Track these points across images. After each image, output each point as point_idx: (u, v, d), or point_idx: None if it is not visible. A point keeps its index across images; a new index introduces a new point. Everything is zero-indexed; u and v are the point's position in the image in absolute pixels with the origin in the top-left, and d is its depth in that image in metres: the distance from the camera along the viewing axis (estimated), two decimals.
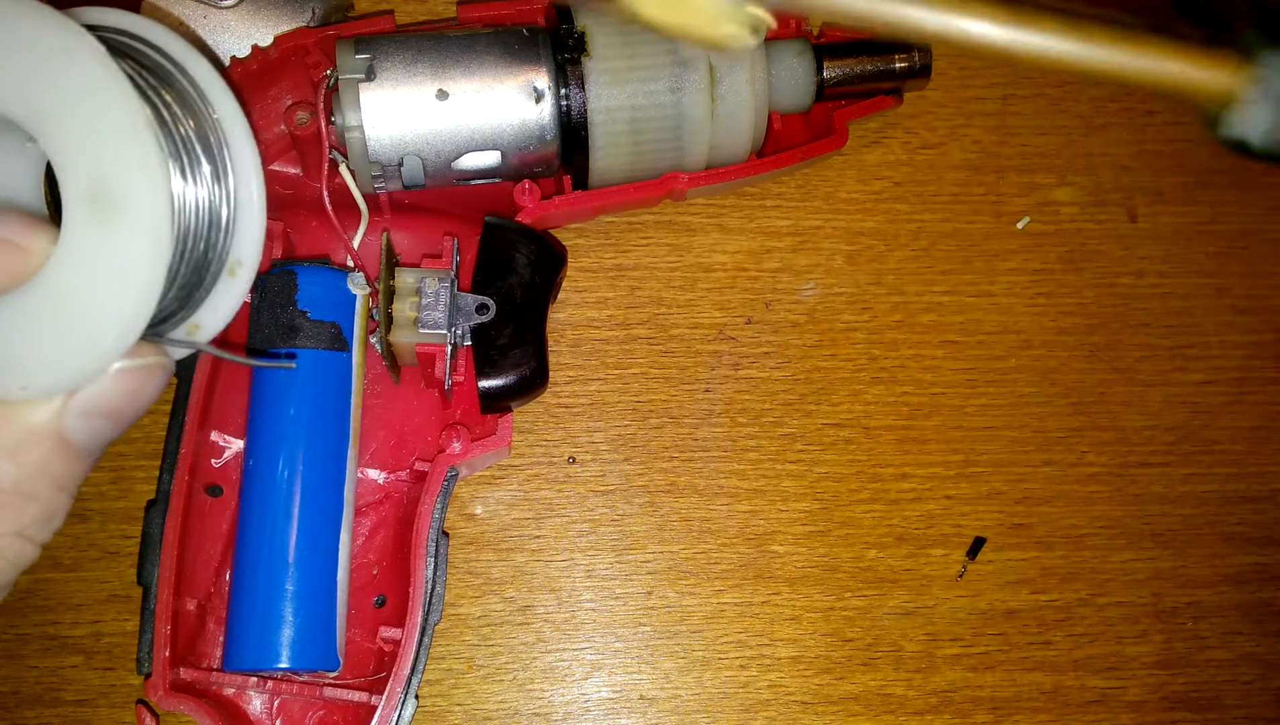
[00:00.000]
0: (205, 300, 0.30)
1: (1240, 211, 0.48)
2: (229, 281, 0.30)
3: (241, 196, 0.29)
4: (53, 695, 0.40)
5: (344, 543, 0.38)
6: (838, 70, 0.43)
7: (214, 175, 0.29)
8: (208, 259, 0.29)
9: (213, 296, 0.30)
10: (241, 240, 0.29)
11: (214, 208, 0.29)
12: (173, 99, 0.28)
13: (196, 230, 0.28)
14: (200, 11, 0.42)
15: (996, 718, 0.42)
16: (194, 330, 0.29)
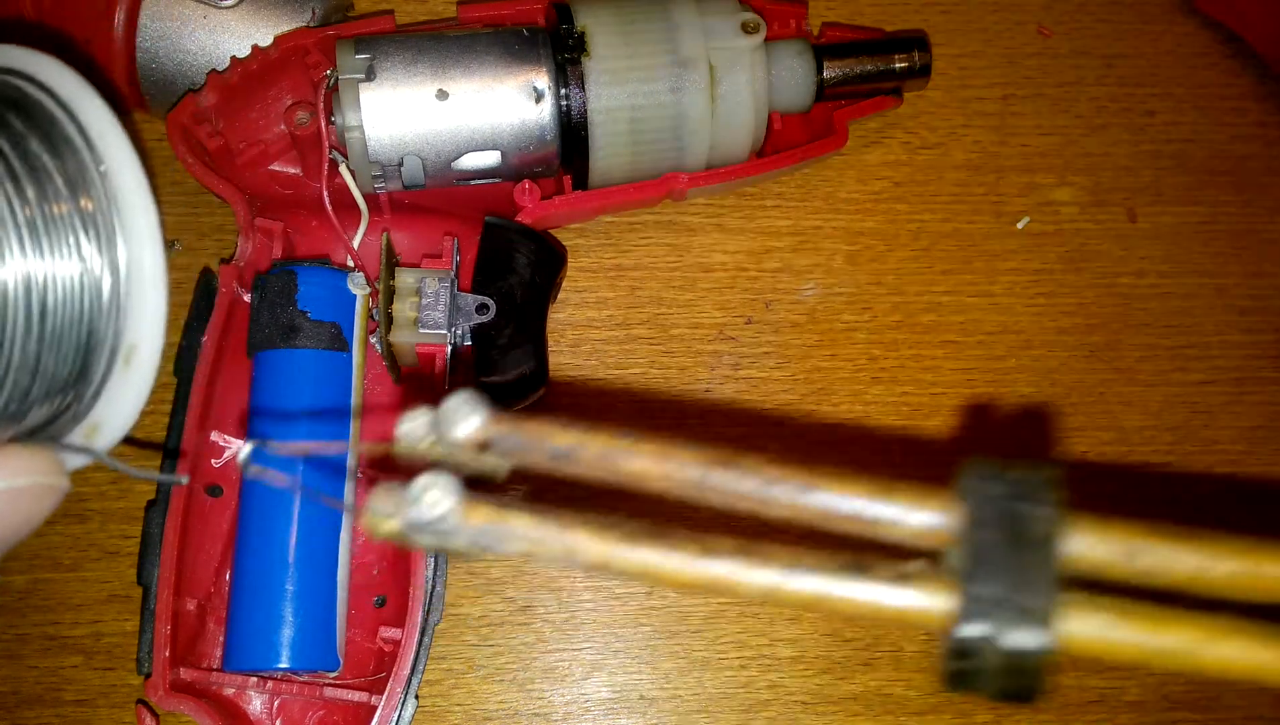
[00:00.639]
0: (100, 396, 0.25)
1: (1240, 211, 0.48)
2: (125, 371, 0.25)
3: (134, 266, 0.24)
4: (53, 695, 0.40)
5: (344, 543, 0.38)
6: (838, 70, 0.43)
7: (93, 241, 0.24)
8: (90, 344, 0.24)
9: (108, 390, 0.25)
10: (136, 320, 0.24)
11: (92, 281, 0.24)
12: (42, 149, 0.23)
13: (61, 309, 0.23)
14: (200, 11, 0.42)
15: (996, 718, 0.42)
16: (92, 431, 0.25)
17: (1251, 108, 0.49)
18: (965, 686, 0.19)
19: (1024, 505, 0.19)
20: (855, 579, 0.19)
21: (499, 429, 0.20)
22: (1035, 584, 0.19)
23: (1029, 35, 0.49)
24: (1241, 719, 0.43)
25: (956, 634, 0.19)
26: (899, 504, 0.20)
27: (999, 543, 0.19)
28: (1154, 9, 0.50)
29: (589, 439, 0.20)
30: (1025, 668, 0.19)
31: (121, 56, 0.42)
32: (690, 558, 0.19)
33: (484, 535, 0.19)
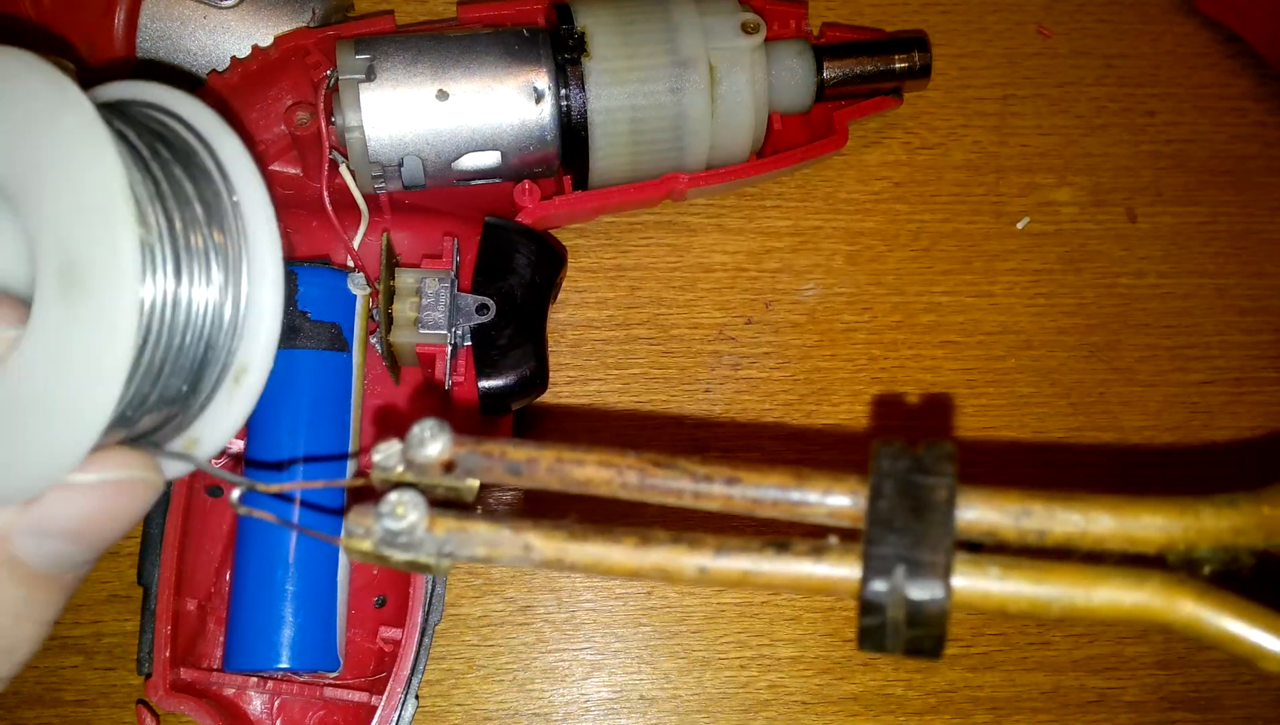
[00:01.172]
0: (205, 410, 0.26)
1: (1240, 211, 0.48)
2: (232, 389, 0.26)
3: (255, 295, 0.26)
4: (53, 695, 0.40)
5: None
6: (838, 70, 0.43)
7: (222, 268, 0.25)
8: (205, 362, 0.25)
9: (213, 406, 0.26)
10: (250, 344, 0.26)
11: (217, 305, 0.25)
12: (185, 177, 0.25)
13: (190, 328, 0.24)
14: (200, 12, 0.42)
15: (996, 718, 0.42)
16: (191, 444, 0.26)
17: (1251, 108, 0.49)
18: (876, 644, 0.21)
19: (922, 477, 0.22)
20: (776, 557, 0.21)
21: (461, 449, 0.23)
22: (932, 543, 0.21)
23: (1029, 35, 0.49)
24: (1241, 719, 0.43)
25: (862, 591, 0.21)
26: (814, 488, 0.22)
27: (900, 510, 0.21)
28: (1154, 9, 0.50)
29: (542, 452, 0.23)
30: (927, 619, 0.21)
31: (121, 57, 0.42)
32: (631, 548, 0.22)
33: (448, 543, 0.22)
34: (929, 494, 0.21)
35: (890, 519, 0.21)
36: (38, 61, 0.23)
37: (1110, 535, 0.21)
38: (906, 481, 0.21)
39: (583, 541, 0.22)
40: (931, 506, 0.21)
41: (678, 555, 0.21)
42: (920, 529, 0.21)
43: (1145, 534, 0.21)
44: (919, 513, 0.21)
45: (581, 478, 0.23)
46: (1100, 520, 0.21)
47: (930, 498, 0.21)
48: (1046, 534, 0.21)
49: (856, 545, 0.21)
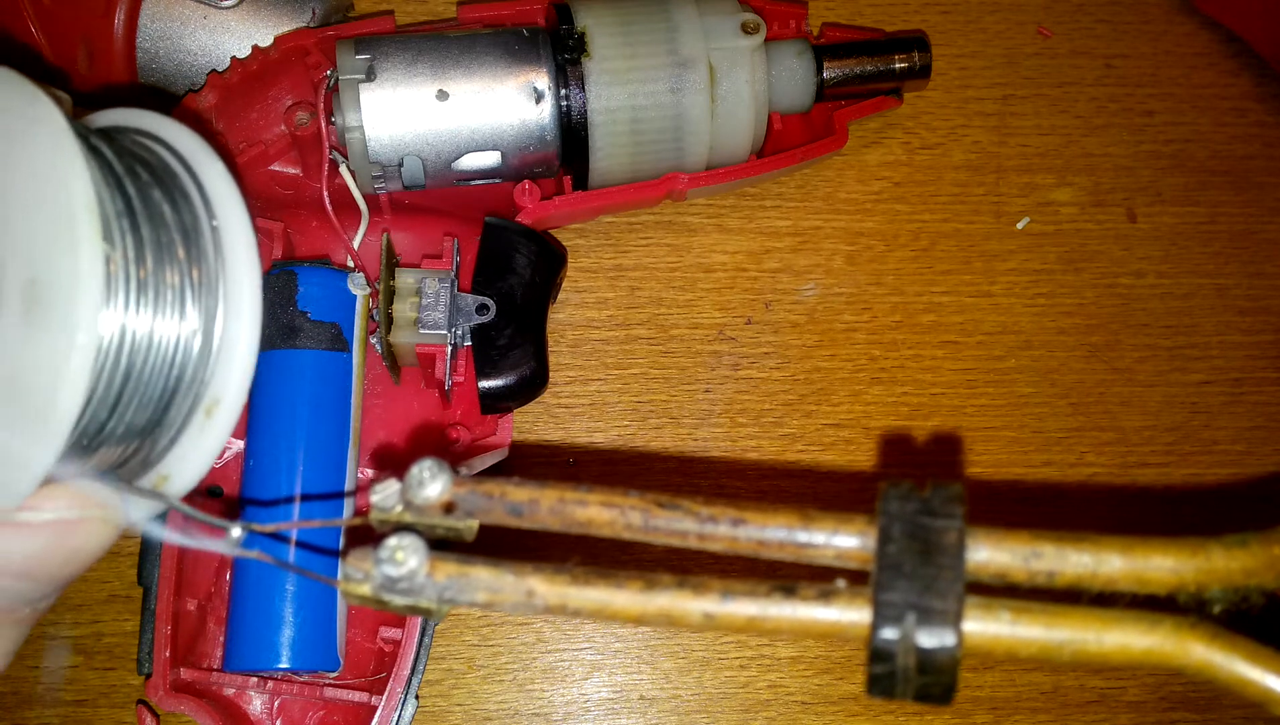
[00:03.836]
0: (175, 445, 0.25)
1: (1240, 211, 0.48)
2: (203, 423, 0.25)
3: (230, 325, 0.24)
4: (53, 695, 0.40)
5: (344, 543, 0.38)
6: (838, 70, 0.43)
7: (197, 295, 0.24)
8: (174, 393, 0.24)
9: (183, 440, 0.25)
10: (223, 376, 0.25)
11: (188, 333, 0.24)
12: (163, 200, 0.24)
13: (157, 356, 0.23)
14: (200, 12, 0.42)
15: (996, 718, 0.42)
16: (162, 481, 0.25)
17: (1251, 108, 0.49)
18: (886, 691, 0.21)
19: (931, 519, 0.21)
20: (783, 602, 0.21)
21: (460, 490, 0.23)
22: (943, 589, 0.21)
23: (1029, 35, 0.49)
24: (1241, 719, 0.43)
25: (872, 639, 0.20)
26: (820, 530, 0.22)
27: (909, 554, 0.21)
28: (1154, 9, 0.50)
29: (543, 493, 0.23)
30: (938, 666, 0.20)
31: (121, 57, 0.42)
32: (636, 593, 0.21)
33: (449, 588, 0.21)
34: (938, 537, 0.21)
35: (899, 564, 0.21)
36: (16, 78, 0.22)
37: (1121, 576, 0.21)
38: (915, 524, 0.21)
39: (586, 586, 0.21)
40: (941, 550, 0.21)
41: (683, 600, 0.21)
42: (930, 574, 0.21)
43: (1156, 575, 0.21)
44: (928, 557, 0.21)
45: (584, 518, 0.22)
46: (1110, 561, 0.21)
47: (939, 541, 0.21)
48: (1057, 575, 0.21)
49: (865, 589, 0.21)
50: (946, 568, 0.21)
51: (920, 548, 0.21)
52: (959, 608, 0.20)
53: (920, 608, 0.20)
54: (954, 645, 0.20)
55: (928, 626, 0.20)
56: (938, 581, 0.20)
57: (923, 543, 0.21)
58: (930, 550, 0.21)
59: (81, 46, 0.41)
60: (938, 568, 0.21)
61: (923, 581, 0.20)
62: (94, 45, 0.41)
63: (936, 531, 0.21)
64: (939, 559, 0.21)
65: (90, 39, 0.41)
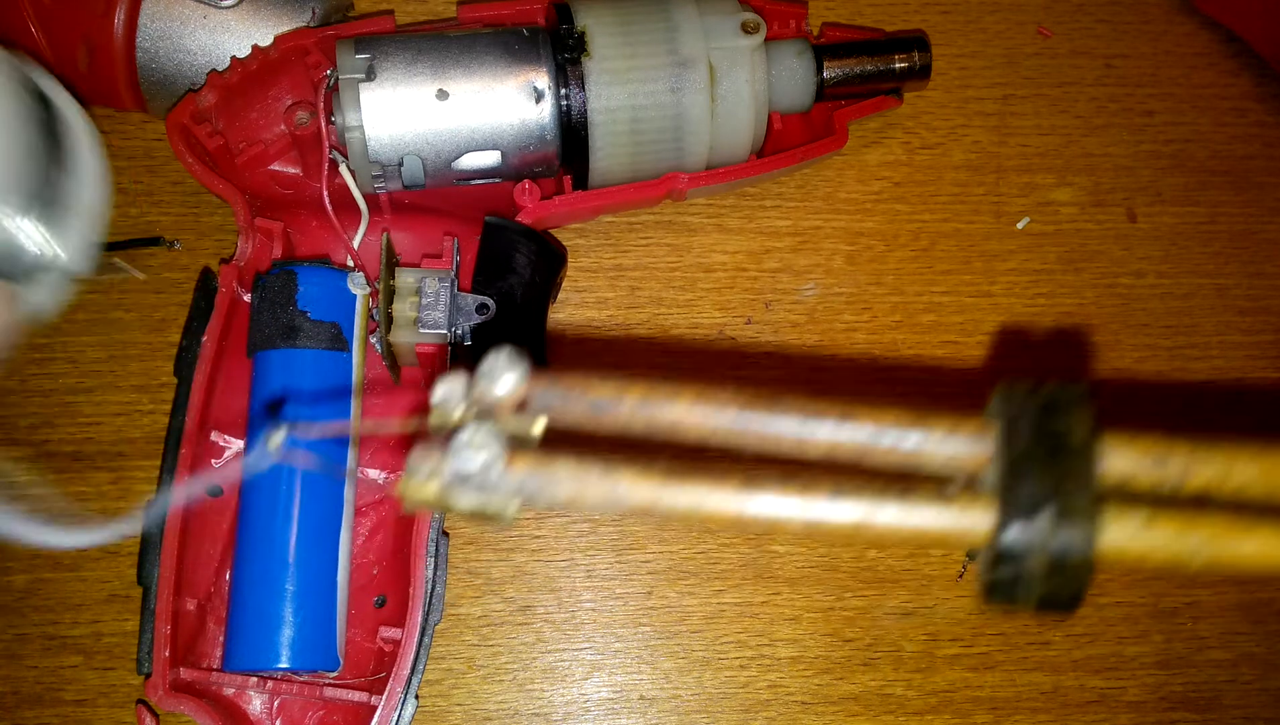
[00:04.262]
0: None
1: (1240, 211, 0.48)
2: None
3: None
4: (53, 695, 0.40)
5: (344, 543, 0.38)
6: (838, 70, 0.43)
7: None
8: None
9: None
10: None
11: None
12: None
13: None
14: (200, 12, 0.42)
15: (996, 718, 0.42)
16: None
17: (1251, 108, 0.49)
18: (1006, 597, 0.19)
19: (1058, 418, 0.20)
20: (897, 502, 0.19)
21: (537, 385, 0.20)
22: (1075, 486, 0.19)
23: (1029, 35, 0.49)
24: (1241, 719, 0.43)
25: (999, 537, 0.19)
26: (935, 431, 0.20)
27: (1036, 453, 0.19)
28: (1154, 9, 0.50)
29: (627, 389, 0.20)
30: (1068, 568, 0.19)
31: (121, 57, 0.42)
32: (735, 492, 0.19)
33: (528, 484, 0.19)
34: (1066, 436, 0.19)
35: (1027, 461, 0.19)
36: None
37: (1252, 483, 0.20)
38: (1040, 423, 0.19)
39: (680, 484, 0.19)
40: (1070, 449, 0.19)
41: (787, 499, 0.19)
42: (1060, 472, 0.19)
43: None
44: (1057, 455, 0.19)
45: (670, 418, 0.20)
46: (1242, 468, 0.20)
47: (1068, 440, 0.19)
48: (1185, 481, 0.20)
49: (985, 491, 0.19)
50: (1077, 466, 0.19)
51: (1048, 446, 0.19)
52: (1095, 506, 0.19)
53: (1055, 504, 0.19)
54: (1090, 544, 0.19)
55: (1064, 523, 0.19)
56: (1069, 479, 0.19)
57: (1050, 441, 0.19)
58: (1058, 448, 0.19)
59: (81, 46, 0.41)
60: (1068, 466, 0.19)
61: (1054, 479, 0.19)
62: (94, 45, 0.41)
63: (1064, 430, 0.19)
64: (1068, 457, 0.19)
65: (90, 38, 0.41)
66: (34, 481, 0.42)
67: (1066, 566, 0.19)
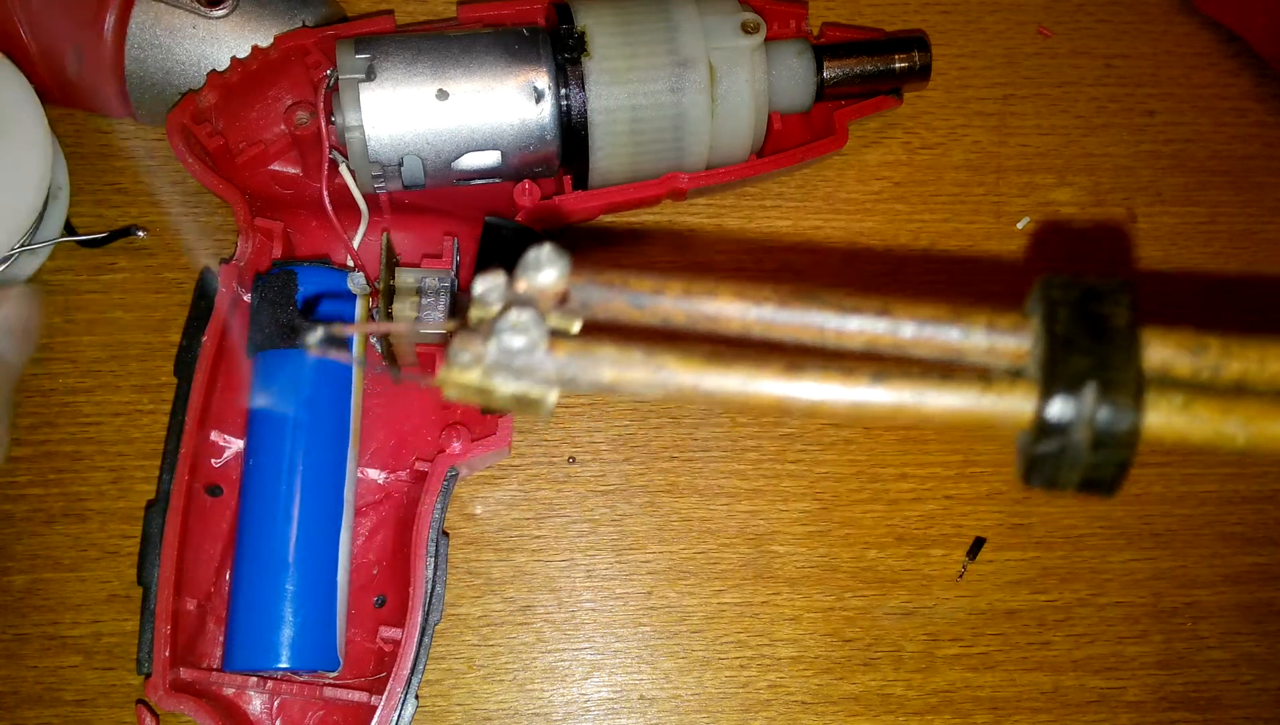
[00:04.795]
0: None
1: (1240, 211, 0.48)
2: None
3: None
4: (53, 695, 0.40)
5: (344, 543, 0.38)
6: (838, 70, 0.43)
7: None
8: None
9: None
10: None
11: None
12: None
13: None
14: (190, 21, 0.42)
15: (996, 718, 0.42)
16: None
17: (1251, 108, 0.49)
18: (1049, 476, 0.19)
19: (1099, 304, 0.20)
20: (939, 385, 0.19)
21: (578, 279, 0.20)
22: (1119, 363, 0.19)
23: (1029, 35, 0.49)
24: (1241, 719, 0.43)
25: (1044, 409, 0.19)
26: (974, 324, 0.20)
27: (1079, 333, 0.19)
28: (1154, 9, 0.50)
29: (668, 283, 0.20)
30: (1116, 441, 0.19)
31: (110, 64, 0.41)
32: (779, 375, 0.19)
33: (570, 366, 0.19)
34: (1108, 320, 0.19)
35: (1071, 340, 0.19)
36: None
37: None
38: (1082, 309, 0.20)
39: (724, 366, 0.19)
40: (1113, 330, 0.19)
41: (831, 383, 0.19)
42: (1104, 350, 0.19)
43: None
44: (1100, 336, 0.19)
45: (711, 311, 0.20)
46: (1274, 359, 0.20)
47: (1110, 323, 0.19)
48: (1222, 370, 0.20)
49: (1025, 380, 0.19)
50: (1120, 345, 0.19)
51: (1090, 327, 0.19)
52: (1140, 380, 0.19)
53: (1099, 378, 0.19)
54: (1136, 418, 0.19)
55: (1108, 396, 0.19)
56: (1113, 356, 0.19)
57: (1092, 323, 0.19)
58: (1101, 330, 0.19)
59: (71, 52, 0.41)
60: (1111, 345, 0.19)
61: (1097, 356, 0.19)
62: (83, 51, 0.41)
63: (1106, 315, 0.20)
64: (1111, 338, 0.19)
65: (79, 45, 0.41)
66: (34, 481, 0.42)
67: (1114, 439, 0.19)
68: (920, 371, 0.20)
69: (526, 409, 0.20)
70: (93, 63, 0.41)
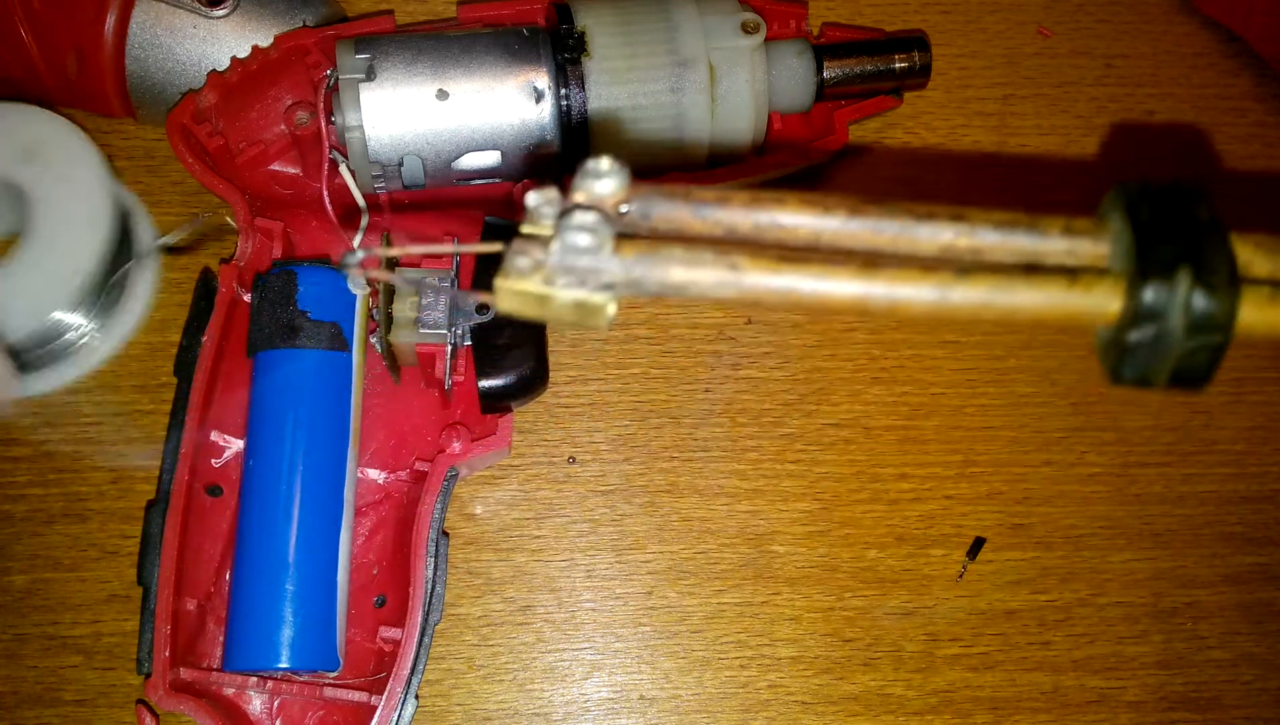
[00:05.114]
0: None
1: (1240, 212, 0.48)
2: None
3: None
4: (53, 695, 0.40)
5: (344, 543, 0.38)
6: (838, 70, 0.43)
7: None
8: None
9: None
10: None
11: None
12: None
13: None
14: (190, 21, 0.42)
15: (996, 718, 0.42)
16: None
17: (1251, 108, 0.49)
18: (1141, 368, 0.19)
19: (1179, 202, 0.19)
20: (1023, 281, 0.19)
21: (639, 190, 0.19)
22: (1211, 250, 0.18)
23: (1029, 35, 0.49)
24: (1241, 719, 0.43)
25: (1139, 295, 0.18)
26: (1051, 228, 0.19)
27: (1167, 225, 0.19)
28: (1154, 9, 0.50)
29: (733, 194, 0.19)
30: (1210, 328, 0.18)
31: (111, 64, 0.42)
32: (856, 272, 0.18)
33: (638, 266, 0.18)
34: (1193, 214, 0.19)
35: (1158, 230, 0.19)
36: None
37: None
38: (1165, 205, 0.19)
39: (798, 264, 0.18)
40: (1199, 224, 0.19)
41: (910, 279, 0.18)
42: (1194, 240, 0.18)
43: None
44: (1187, 226, 0.19)
45: (779, 221, 0.19)
46: None
47: (1195, 217, 0.19)
48: None
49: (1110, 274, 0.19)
50: (1209, 234, 0.19)
51: (1177, 220, 0.19)
52: (1232, 268, 0.18)
53: (1193, 262, 0.18)
54: (1233, 300, 0.18)
55: (1204, 279, 0.18)
56: (1204, 244, 0.18)
57: (1179, 217, 0.19)
58: (1187, 222, 0.19)
59: (71, 53, 0.41)
60: (1200, 234, 0.19)
61: (1188, 245, 0.18)
62: (84, 52, 0.41)
63: (1189, 210, 0.19)
64: (1199, 228, 0.19)
65: (80, 45, 0.41)
66: (34, 481, 0.42)
67: (1208, 324, 0.18)
68: (1005, 267, 0.19)
69: (586, 318, 0.19)
70: (93, 63, 0.41)
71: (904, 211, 0.20)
